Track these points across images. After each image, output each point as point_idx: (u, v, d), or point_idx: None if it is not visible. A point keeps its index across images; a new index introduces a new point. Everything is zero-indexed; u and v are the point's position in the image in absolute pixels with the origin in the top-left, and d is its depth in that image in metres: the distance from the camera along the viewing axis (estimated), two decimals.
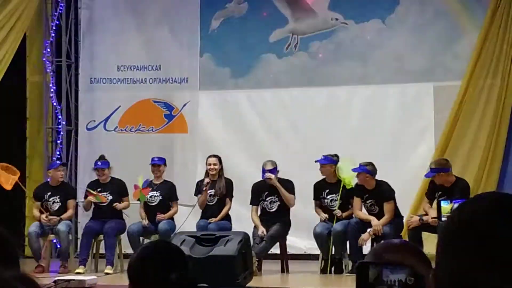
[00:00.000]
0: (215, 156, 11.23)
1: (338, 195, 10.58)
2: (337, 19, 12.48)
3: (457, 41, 12.05)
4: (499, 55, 11.67)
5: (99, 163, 11.29)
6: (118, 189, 11.27)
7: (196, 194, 11.26)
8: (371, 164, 10.34)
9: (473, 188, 11.33)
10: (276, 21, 12.71)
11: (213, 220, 10.90)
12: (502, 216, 1.38)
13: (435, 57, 12.13)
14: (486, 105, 11.67)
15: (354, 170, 10.31)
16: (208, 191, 11.06)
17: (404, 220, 10.33)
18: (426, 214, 10.02)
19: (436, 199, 10.07)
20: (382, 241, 2.35)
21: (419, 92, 12.12)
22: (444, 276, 1.41)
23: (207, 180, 11.05)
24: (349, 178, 10.53)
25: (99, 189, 11.21)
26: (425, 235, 9.90)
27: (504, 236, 1.35)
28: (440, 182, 10.03)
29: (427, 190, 10.35)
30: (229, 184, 11.13)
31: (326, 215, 10.54)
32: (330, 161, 10.65)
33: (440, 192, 10.02)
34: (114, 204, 11.08)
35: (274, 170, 10.73)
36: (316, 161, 10.65)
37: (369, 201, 10.41)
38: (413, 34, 12.26)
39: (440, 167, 10.04)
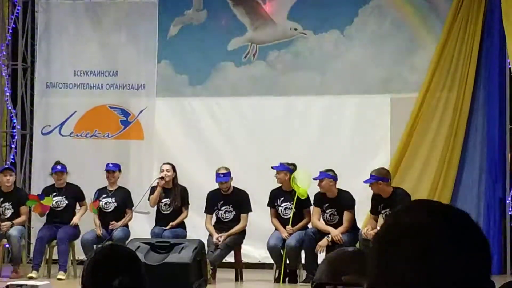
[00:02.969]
0: (168, 163, 11.18)
1: (292, 204, 10.59)
2: (296, 29, 12.51)
3: (415, 53, 12.15)
4: (455, 68, 11.79)
5: (58, 167, 11.17)
6: (74, 194, 11.19)
7: (149, 198, 11.15)
8: (332, 170, 10.38)
9: (427, 198, 11.42)
10: (235, 30, 12.71)
11: (170, 224, 10.84)
12: (442, 226, 1.36)
13: (392, 69, 12.21)
14: (442, 117, 11.77)
15: (315, 178, 10.31)
16: (163, 200, 11.00)
17: (361, 232, 10.21)
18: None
19: (380, 213, 10.12)
20: (336, 250, 2.34)
21: (376, 103, 12.18)
22: (382, 285, 1.38)
23: (160, 181, 10.95)
24: (304, 189, 10.53)
25: (54, 194, 11.10)
26: None
27: (443, 247, 1.34)
28: (377, 191, 10.08)
29: (371, 207, 10.36)
30: (184, 192, 11.08)
31: (287, 234, 10.50)
32: (285, 169, 10.66)
33: (382, 205, 10.08)
34: (72, 222, 10.96)
35: (228, 175, 10.73)
36: (272, 168, 10.67)
37: (329, 210, 10.41)
38: (371, 46, 12.33)
39: (380, 176, 10.11)
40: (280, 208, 10.72)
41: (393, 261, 1.36)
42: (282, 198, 10.71)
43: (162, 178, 10.99)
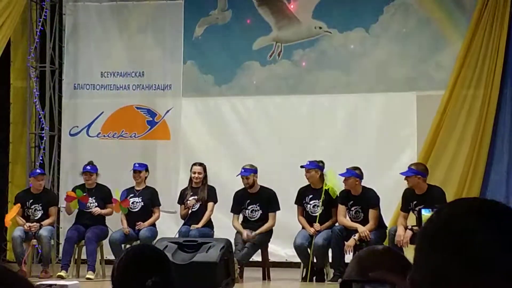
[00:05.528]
0: (200, 164, 11.23)
1: (320, 201, 10.59)
2: (320, 28, 12.50)
3: (441, 51, 12.10)
4: (482, 65, 11.71)
5: (88, 167, 11.30)
6: (103, 195, 11.26)
7: (179, 203, 11.24)
8: (358, 168, 10.37)
9: (455, 197, 11.37)
10: (260, 29, 12.72)
11: (194, 226, 10.88)
12: (480, 220, 1.37)
13: (418, 66, 12.17)
14: (468, 115, 11.70)
15: (342, 174, 10.32)
16: (190, 198, 11.06)
17: (389, 230, 10.21)
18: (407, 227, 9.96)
19: (412, 210, 10.07)
20: (366, 248, 2.35)
21: (402, 101, 12.14)
22: (421, 278, 1.40)
23: (193, 201, 11.00)
24: (334, 188, 10.55)
25: (84, 194, 11.19)
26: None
27: (480, 240, 1.35)
28: (412, 186, 10.04)
29: (401, 204, 10.33)
30: (211, 191, 11.12)
31: (314, 230, 10.52)
32: (315, 166, 10.67)
33: (415, 202, 10.03)
34: (93, 210, 11.07)
35: (249, 170, 10.78)
36: (301, 167, 10.66)
37: (354, 207, 10.41)
38: (396, 43, 12.30)
39: (418, 170, 10.08)
40: (308, 205, 10.72)
41: (432, 253, 1.38)
42: (311, 196, 10.71)
43: (191, 183, 11.12)
